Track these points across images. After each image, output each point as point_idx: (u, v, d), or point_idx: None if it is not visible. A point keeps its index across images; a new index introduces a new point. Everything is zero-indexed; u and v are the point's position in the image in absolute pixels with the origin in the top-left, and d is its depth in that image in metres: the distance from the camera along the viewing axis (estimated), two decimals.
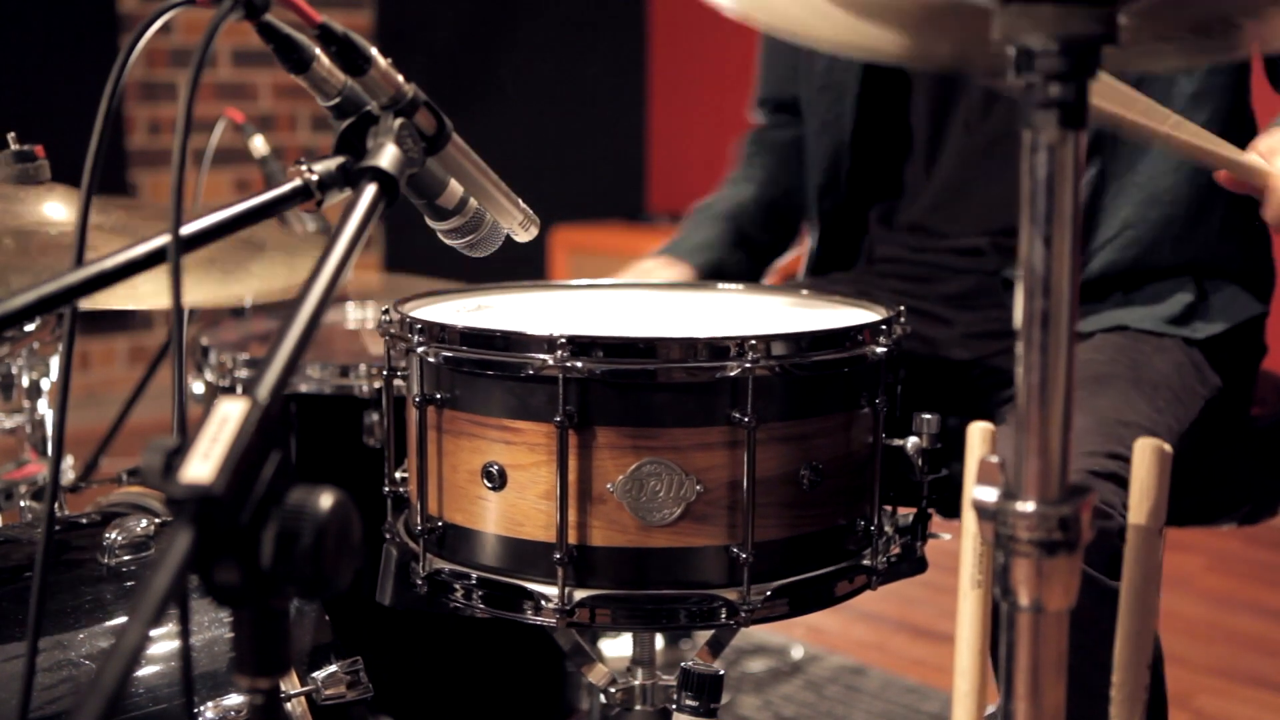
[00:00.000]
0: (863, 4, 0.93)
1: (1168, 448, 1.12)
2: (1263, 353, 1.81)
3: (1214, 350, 1.69)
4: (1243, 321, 1.74)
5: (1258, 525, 1.86)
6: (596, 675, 1.50)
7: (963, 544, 1.14)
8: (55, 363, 1.79)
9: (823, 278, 1.99)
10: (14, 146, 1.48)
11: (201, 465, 0.72)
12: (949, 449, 1.41)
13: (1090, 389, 1.56)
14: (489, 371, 1.31)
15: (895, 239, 1.95)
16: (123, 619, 1.32)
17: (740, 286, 1.71)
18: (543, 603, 1.31)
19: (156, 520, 1.41)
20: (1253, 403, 1.83)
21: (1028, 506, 0.85)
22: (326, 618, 1.37)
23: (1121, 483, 1.37)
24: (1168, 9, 0.87)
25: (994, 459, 0.88)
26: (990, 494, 0.87)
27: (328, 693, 1.32)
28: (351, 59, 1.09)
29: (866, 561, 1.41)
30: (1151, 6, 0.84)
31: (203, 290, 1.44)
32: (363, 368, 1.90)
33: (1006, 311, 1.41)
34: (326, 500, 0.74)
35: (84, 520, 1.46)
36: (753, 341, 1.27)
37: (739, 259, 2.05)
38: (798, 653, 2.86)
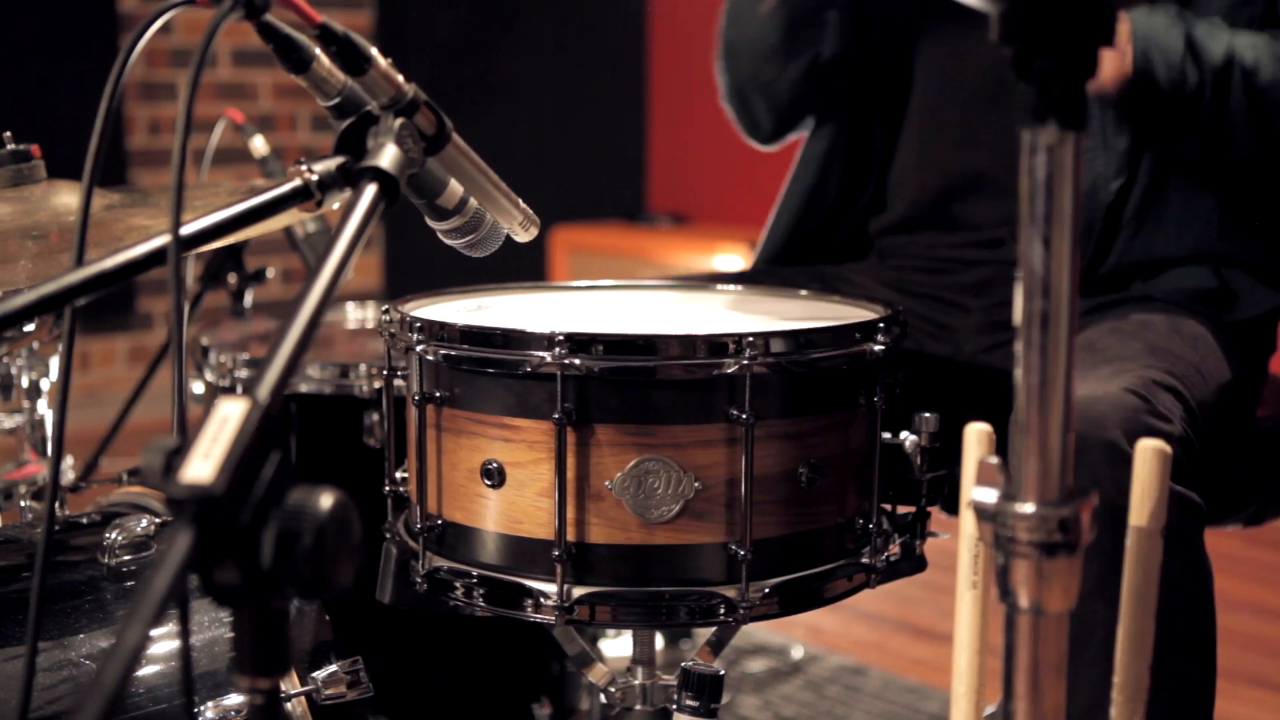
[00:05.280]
0: None
1: (1167, 448, 1.12)
2: (1273, 349, 1.82)
3: (1230, 342, 1.70)
4: (1263, 313, 1.76)
5: (1261, 526, 1.86)
6: (596, 675, 1.50)
7: (960, 545, 1.14)
8: (55, 363, 1.79)
9: (837, 265, 1.98)
10: (10, 146, 1.48)
11: (201, 465, 0.72)
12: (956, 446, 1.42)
13: (1131, 332, 1.60)
14: (488, 369, 1.31)
15: (904, 235, 1.95)
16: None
17: (739, 286, 1.71)
18: (542, 600, 1.31)
19: (156, 520, 1.41)
20: (1259, 403, 1.84)
21: (1027, 508, 0.85)
22: (326, 618, 1.37)
23: (1177, 394, 1.47)
24: None
25: (993, 460, 0.88)
26: (989, 495, 0.87)
27: (328, 693, 1.32)
28: (351, 59, 1.09)
29: (865, 560, 1.41)
30: None
31: None
32: (363, 368, 1.90)
33: None
34: (326, 500, 0.74)
35: (84, 520, 1.46)
36: (751, 339, 1.27)
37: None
38: (798, 653, 2.85)
